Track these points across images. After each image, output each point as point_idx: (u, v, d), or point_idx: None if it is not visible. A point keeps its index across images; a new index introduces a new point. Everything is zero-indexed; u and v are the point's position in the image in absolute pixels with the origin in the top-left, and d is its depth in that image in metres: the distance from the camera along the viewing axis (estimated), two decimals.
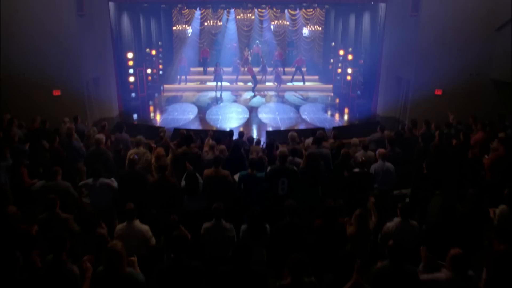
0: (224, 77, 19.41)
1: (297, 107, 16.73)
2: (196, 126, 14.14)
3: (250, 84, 19.41)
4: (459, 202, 6.18)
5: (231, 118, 15.04)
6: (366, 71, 17.19)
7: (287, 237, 4.93)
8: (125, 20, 17.76)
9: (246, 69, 19.48)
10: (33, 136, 9.43)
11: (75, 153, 8.58)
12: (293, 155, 7.28)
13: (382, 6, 15.47)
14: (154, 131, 12.58)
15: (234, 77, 20.39)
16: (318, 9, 22.30)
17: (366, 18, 18.18)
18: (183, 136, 8.11)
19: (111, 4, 15.08)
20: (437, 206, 5.95)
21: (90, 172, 6.44)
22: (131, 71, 16.72)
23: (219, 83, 18.96)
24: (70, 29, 12.60)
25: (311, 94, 19.23)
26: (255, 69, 19.37)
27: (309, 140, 9.76)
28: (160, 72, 21.82)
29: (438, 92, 13.24)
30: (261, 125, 14.47)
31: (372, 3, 16.45)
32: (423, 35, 13.03)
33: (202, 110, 16.17)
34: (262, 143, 10.18)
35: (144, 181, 6.54)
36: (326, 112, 16.29)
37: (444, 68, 12.90)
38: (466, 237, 5.28)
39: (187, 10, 21.95)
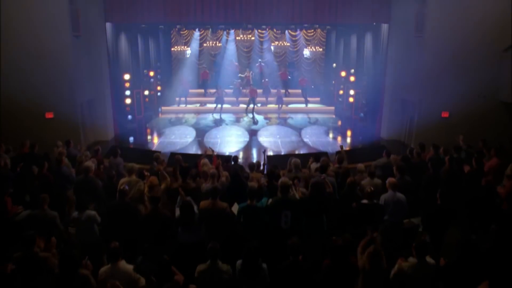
0: (225, 98, 19.13)
1: (298, 130, 16.37)
2: (194, 150, 13.75)
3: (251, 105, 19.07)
4: (478, 236, 5.76)
5: (230, 142, 14.66)
6: (369, 92, 16.89)
7: (290, 280, 4.46)
8: (123, 41, 17.56)
9: (248, 90, 19.20)
10: (21, 161, 9.03)
11: (64, 180, 8.16)
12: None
13: (384, 26, 15.28)
14: (150, 156, 12.17)
15: (235, 99, 20.07)
16: (319, 30, 22.17)
17: (368, 39, 17.98)
18: (179, 168, 7.67)
19: (108, 25, 14.88)
20: (454, 241, 5.52)
21: (76, 204, 6.00)
22: (127, 92, 16.42)
23: (219, 106, 18.66)
24: (65, 50, 12.35)
25: (312, 116, 18.89)
26: (259, 91, 19.13)
27: (316, 165, 9.37)
28: (158, 93, 21.58)
29: (445, 114, 12.90)
30: (261, 149, 14.06)
31: (375, 24, 16.28)
32: (428, 56, 12.76)
33: (201, 133, 15.80)
34: (262, 165, 9.80)
35: (135, 213, 6.10)
36: (328, 135, 15.91)
37: (451, 90, 12.59)
38: (489, 276, 4.82)
39: (186, 31, 21.82)
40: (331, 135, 15.89)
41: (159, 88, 21.57)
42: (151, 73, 20.08)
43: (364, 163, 11.49)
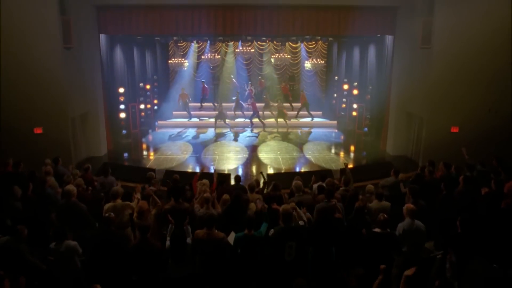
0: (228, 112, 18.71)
1: (300, 146, 15.82)
2: (191, 167, 13.18)
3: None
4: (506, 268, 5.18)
5: (229, 158, 14.09)
6: (374, 106, 16.42)
7: None
8: (118, 53, 17.17)
9: (249, 104, 18.70)
10: (3, 182, 8.44)
11: (47, 202, 7.57)
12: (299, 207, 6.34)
13: (389, 38, 14.86)
14: (144, 174, 11.61)
15: (236, 112, 19.56)
16: (320, 42, 21.78)
17: (372, 51, 17.59)
18: (171, 187, 7.11)
19: (102, 36, 14.45)
20: (481, 274, 4.95)
21: (54, 233, 5.40)
22: (122, 106, 15.92)
23: (219, 120, 18.17)
24: (55, 62, 11.82)
25: (314, 131, 18.36)
26: (259, 105, 18.61)
27: (316, 186, 8.83)
28: (155, 107, 21.11)
29: (455, 129, 12.36)
30: (261, 165, 13.51)
31: (379, 35, 15.87)
32: (436, 69, 12.28)
33: (198, 149, 15.25)
34: (263, 183, 9.26)
35: (121, 243, 5.51)
36: (331, 150, 15.36)
37: (460, 103, 12.10)
38: None
39: (184, 43, 21.43)
40: (334, 151, 15.33)
41: (155, 101, 21.14)
42: (148, 86, 19.66)
43: (369, 182, 11.00)
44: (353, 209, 6.54)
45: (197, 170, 12.91)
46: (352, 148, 16.01)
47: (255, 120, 18.01)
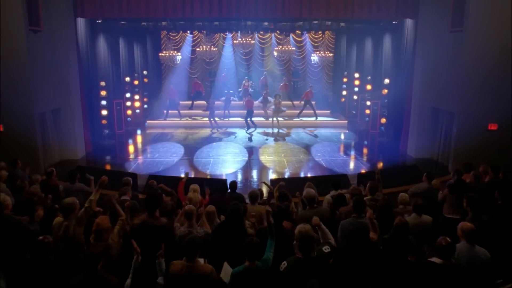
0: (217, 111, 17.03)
1: (307, 147, 14.16)
2: (179, 172, 11.51)
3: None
4: None
5: (225, 162, 12.44)
6: (391, 102, 14.77)
7: None
8: (101, 43, 15.55)
9: (245, 101, 17.09)
10: None
11: None
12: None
13: (408, 24, 13.28)
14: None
15: (229, 110, 17.93)
16: (327, 33, 20.23)
17: (387, 41, 15.99)
18: (146, 197, 5.45)
19: (81, 23, 12.87)
20: None
21: None
22: (103, 103, 14.25)
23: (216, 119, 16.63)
24: (18, 47, 10.20)
25: (323, 132, 16.69)
26: (256, 102, 16.98)
27: (334, 193, 7.22)
28: (145, 105, 19.49)
29: (493, 127, 10.69)
30: (263, 170, 11.87)
31: (396, 22, 14.29)
32: (470, 55, 10.62)
33: (190, 151, 13.60)
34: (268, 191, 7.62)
35: (64, 276, 3.84)
36: (343, 153, 13.70)
37: (499, 96, 10.42)
38: None
39: (177, 34, 19.87)
40: (346, 153, 13.67)
41: (145, 99, 19.54)
42: (136, 82, 18.05)
43: (393, 189, 9.42)
44: (387, 226, 4.92)
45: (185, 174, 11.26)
46: (365, 150, 14.34)
47: (245, 119, 16.31)
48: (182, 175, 10.98)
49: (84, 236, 5.03)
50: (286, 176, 11.10)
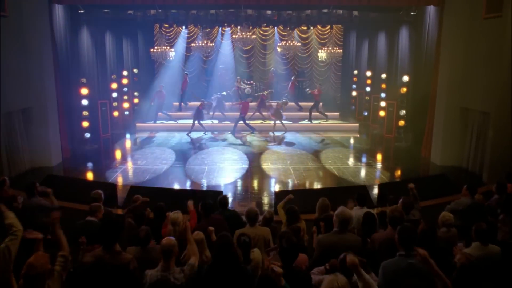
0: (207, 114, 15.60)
1: (316, 153, 12.71)
2: (168, 182, 10.05)
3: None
4: None
5: (222, 170, 10.98)
6: (411, 102, 13.31)
7: None
8: (85, 37, 14.22)
9: (237, 103, 15.70)
10: None
11: None
12: None
13: (430, 13, 11.91)
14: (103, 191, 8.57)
15: (224, 113, 16.51)
16: (335, 28, 18.82)
17: (404, 34, 14.63)
18: (105, 223, 4.01)
19: (59, 12, 11.55)
20: None
21: None
22: (85, 102, 12.81)
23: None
24: None
25: (332, 136, 15.22)
26: (253, 104, 15.57)
27: (360, 211, 5.89)
28: (135, 107, 18.05)
29: None
30: (265, 180, 10.41)
31: (415, 12, 12.90)
32: (510, 45, 9.16)
33: (183, 158, 12.16)
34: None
35: None
36: (357, 160, 12.23)
37: None
38: None
39: (171, 28, 18.47)
40: (361, 160, 12.19)
41: (136, 100, 18.12)
42: (125, 81, 16.65)
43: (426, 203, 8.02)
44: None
45: (176, 186, 9.82)
46: (381, 157, 12.88)
47: (241, 123, 14.83)
48: (175, 186, 9.60)
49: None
50: (292, 187, 9.65)
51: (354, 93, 18.36)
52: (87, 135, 12.88)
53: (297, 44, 17.63)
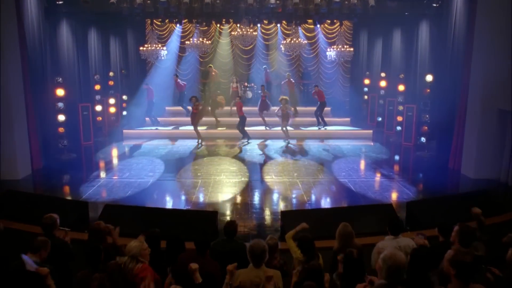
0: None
1: (326, 164, 11.26)
2: (151, 200, 8.58)
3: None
4: None
5: (218, 184, 9.52)
6: (435, 106, 11.85)
7: None
8: (64, 32, 12.84)
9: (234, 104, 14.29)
10: None
11: None
12: None
13: (457, 4, 10.51)
14: (69, 210, 7.15)
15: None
16: (345, 24, 17.47)
17: (424, 30, 13.31)
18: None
19: (31, 1, 10.14)
20: None
21: None
22: (60, 105, 11.38)
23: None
24: None
25: (343, 144, 13.77)
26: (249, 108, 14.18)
27: (391, 243, 4.71)
28: (124, 111, 16.61)
29: None
30: (268, 196, 8.95)
31: (438, 4, 11.53)
32: None
33: (173, 169, 10.72)
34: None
35: None
36: (374, 172, 10.75)
37: None
38: None
39: (163, 24, 17.13)
40: (379, 172, 10.70)
41: (124, 104, 16.67)
42: (111, 82, 15.24)
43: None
44: None
45: (163, 204, 8.36)
46: (402, 168, 11.42)
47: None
48: (160, 204, 8.10)
49: None
50: (301, 206, 8.18)
51: (365, 97, 16.94)
52: (64, 142, 11.41)
53: (303, 42, 16.21)
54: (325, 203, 8.54)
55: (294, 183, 9.56)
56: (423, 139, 11.99)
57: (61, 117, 11.30)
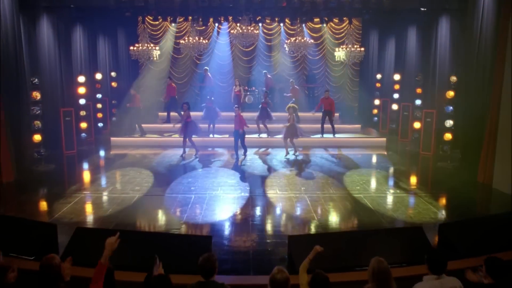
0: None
1: (337, 177, 10.11)
2: (134, 220, 7.42)
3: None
4: None
5: (214, 200, 8.37)
6: (461, 110, 10.70)
7: None
8: (45, 30, 11.81)
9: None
10: None
11: None
12: None
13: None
14: (38, 234, 6.05)
15: (214, 125, 13.99)
16: (353, 22, 16.41)
17: (444, 27, 12.27)
18: None
19: None
20: None
21: None
22: (37, 109, 10.25)
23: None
24: None
25: (354, 154, 12.65)
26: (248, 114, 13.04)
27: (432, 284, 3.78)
28: (113, 117, 15.54)
29: None
30: (272, 215, 7.79)
31: None
32: None
33: (164, 182, 9.58)
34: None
35: None
36: (394, 185, 9.57)
37: None
38: None
39: (157, 23, 16.10)
40: (399, 186, 9.52)
41: (114, 110, 15.60)
42: (98, 85, 14.17)
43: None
44: None
45: (144, 224, 7.21)
46: (422, 181, 10.27)
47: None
48: (143, 226, 6.92)
49: None
50: (311, 227, 7.04)
51: (377, 102, 15.83)
52: (41, 151, 10.27)
53: (310, 41, 15.11)
54: (339, 223, 7.37)
55: (302, 199, 8.41)
56: (446, 148, 10.82)
57: (38, 123, 10.16)
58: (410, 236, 6.04)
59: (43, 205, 8.24)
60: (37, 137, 10.20)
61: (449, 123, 10.78)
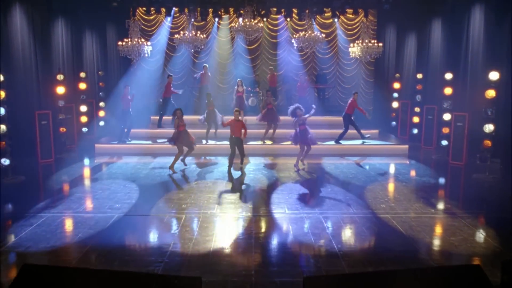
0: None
1: (357, 191, 8.68)
2: (107, 248, 5.99)
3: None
4: None
5: (209, 221, 6.94)
6: (503, 113, 9.28)
7: None
8: (18, 22, 10.53)
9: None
10: None
11: None
12: None
13: None
14: None
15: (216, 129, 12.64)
16: (369, 16, 15.07)
17: (476, 17, 10.86)
18: None
19: None
20: None
21: None
22: (1, 111, 8.86)
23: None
24: None
25: (373, 162, 11.25)
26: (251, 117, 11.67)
27: None
28: (101, 122, 14.19)
29: None
30: (281, 244, 6.31)
31: None
32: None
33: (149, 198, 8.17)
34: None
35: None
36: (425, 202, 8.11)
37: None
38: None
39: (150, 15, 14.81)
40: (431, 204, 8.06)
41: (102, 113, 14.25)
42: (82, 85, 12.83)
43: None
44: None
45: (117, 256, 5.75)
46: (459, 197, 8.81)
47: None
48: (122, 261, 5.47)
49: None
50: (333, 263, 5.58)
51: (395, 104, 14.39)
52: (5, 161, 8.87)
53: (320, 36, 13.68)
54: (366, 255, 5.91)
55: (317, 221, 6.97)
56: (484, 156, 9.34)
57: (3, 128, 8.76)
58: (464, 277, 4.60)
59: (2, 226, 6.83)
60: (2, 144, 8.78)
61: (488, 128, 9.28)
